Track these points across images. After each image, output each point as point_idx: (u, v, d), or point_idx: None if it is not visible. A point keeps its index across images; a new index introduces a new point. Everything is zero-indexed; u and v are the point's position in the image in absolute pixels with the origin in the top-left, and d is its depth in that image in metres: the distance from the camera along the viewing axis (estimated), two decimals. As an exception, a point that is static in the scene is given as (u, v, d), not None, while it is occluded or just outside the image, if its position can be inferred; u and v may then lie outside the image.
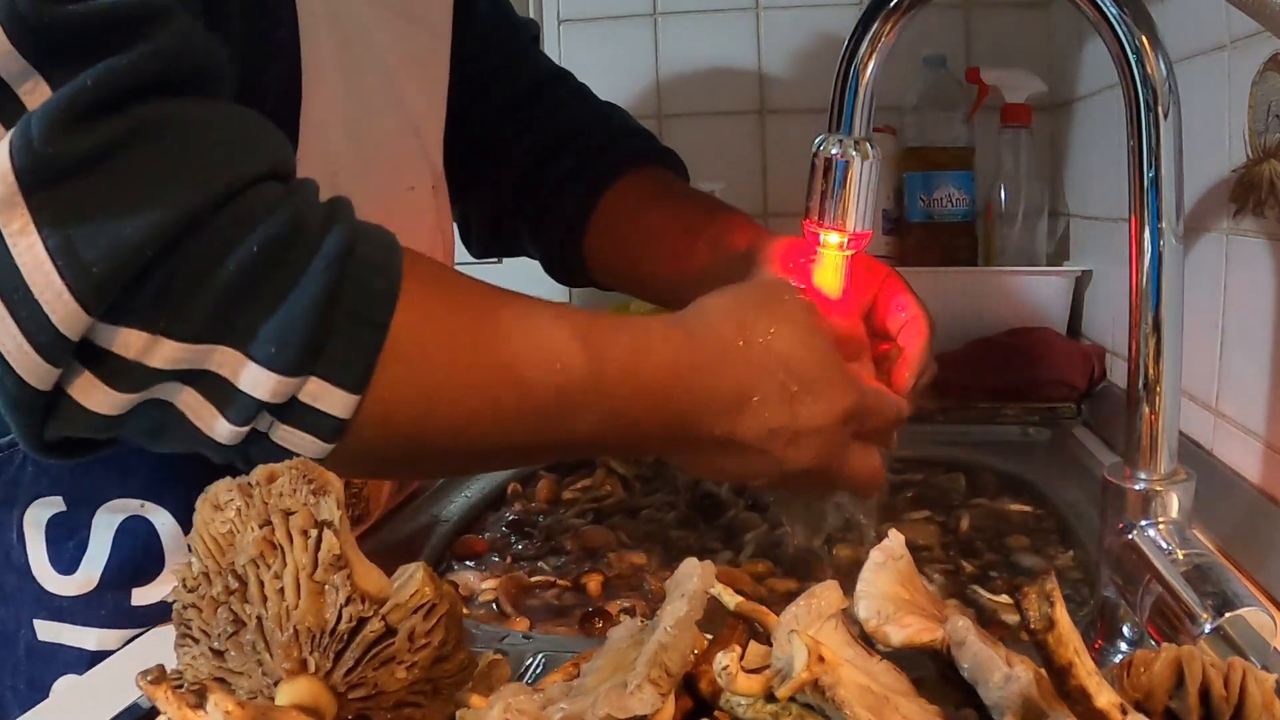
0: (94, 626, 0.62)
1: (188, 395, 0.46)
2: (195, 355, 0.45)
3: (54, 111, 0.42)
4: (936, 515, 0.77)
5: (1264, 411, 0.65)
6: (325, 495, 0.39)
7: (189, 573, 0.40)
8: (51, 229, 0.42)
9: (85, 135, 0.42)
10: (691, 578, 0.41)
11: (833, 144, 0.60)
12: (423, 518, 0.79)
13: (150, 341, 0.44)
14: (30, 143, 0.41)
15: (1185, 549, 0.47)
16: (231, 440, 0.47)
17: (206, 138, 0.46)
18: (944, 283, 1.15)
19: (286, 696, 0.38)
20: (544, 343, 0.53)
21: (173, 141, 0.44)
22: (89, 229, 0.42)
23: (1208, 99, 0.70)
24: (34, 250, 0.42)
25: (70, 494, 0.61)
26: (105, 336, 0.44)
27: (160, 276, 0.44)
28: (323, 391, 0.47)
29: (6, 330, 0.43)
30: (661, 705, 0.36)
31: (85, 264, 0.42)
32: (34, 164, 0.41)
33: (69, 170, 0.42)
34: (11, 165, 0.41)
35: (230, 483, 0.41)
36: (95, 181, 0.43)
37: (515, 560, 0.72)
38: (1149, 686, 0.35)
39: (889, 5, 0.57)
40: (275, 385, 0.46)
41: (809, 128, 0.68)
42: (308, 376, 0.46)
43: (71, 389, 0.45)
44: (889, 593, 0.41)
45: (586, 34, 1.37)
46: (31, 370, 0.43)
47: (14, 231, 0.42)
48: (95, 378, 0.45)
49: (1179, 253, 0.49)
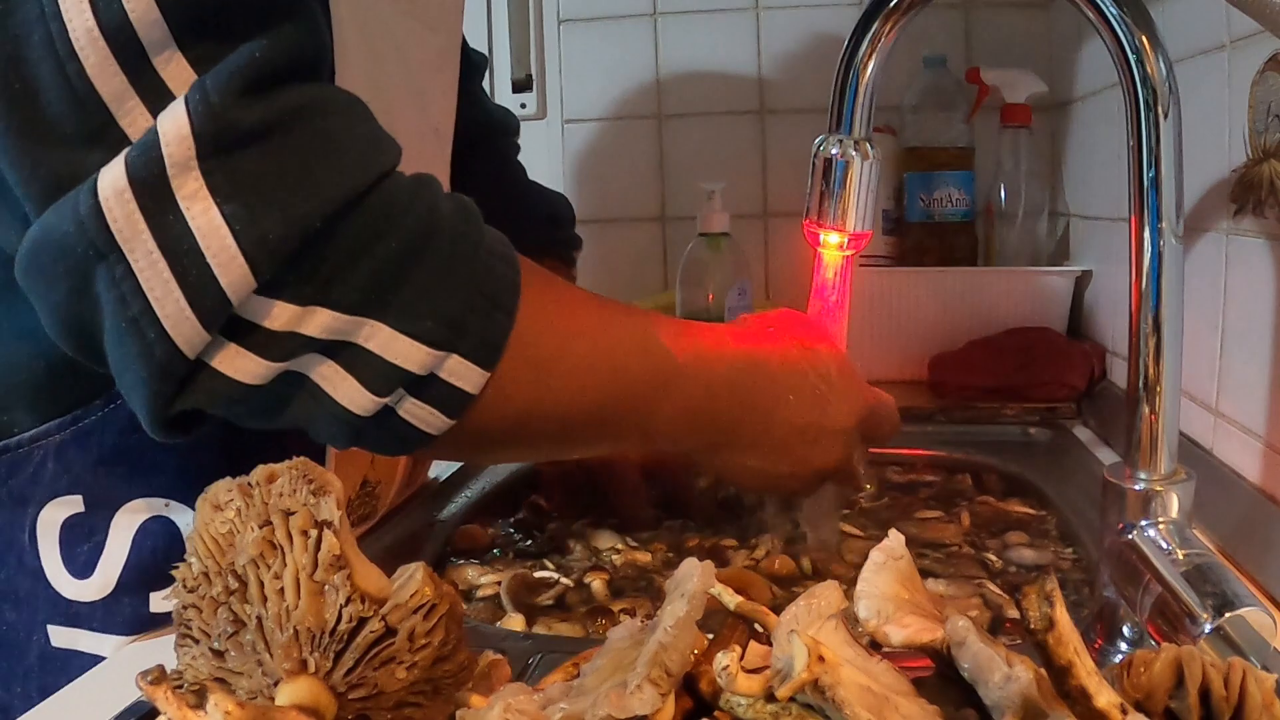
0: (111, 633, 0.61)
1: (327, 368, 0.48)
2: (346, 325, 0.47)
3: (229, 79, 0.43)
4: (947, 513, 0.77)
5: (1264, 411, 0.65)
6: (325, 495, 0.39)
7: (189, 573, 0.40)
8: (227, 194, 0.43)
9: (258, 106, 0.44)
10: (691, 578, 0.41)
11: (833, 144, 0.60)
12: (423, 517, 0.79)
13: (303, 312, 0.46)
14: (211, 108, 0.42)
15: (1185, 549, 0.47)
16: (366, 411, 0.49)
17: (355, 124, 0.48)
18: (944, 283, 1.15)
19: (286, 697, 0.38)
20: (638, 334, 0.59)
21: (330, 122, 0.46)
22: (263, 197, 0.44)
23: (1208, 99, 0.70)
24: (209, 214, 0.43)
25: (91, 493, 0.60)
26: (256, 309, 0.45)
27: (320, 250, 0.45)
28: (461, 368, 0.50)
29: (169, 295, 0.43)
30: (661, 705, 0.36)
31: (262, 231, 0.43)
32: (215, 128, 0.43)
33: (245, 138, 0.43)
34: (191, 128, 0.42)
35: (230, 483, 0.41)
36: (269, 152, 0.44)
37: (518, 557, 0.72)
38: (1149, 686, 0.35)
39: (889, 5, 0.58)
40: (425, 358, 0.48)
41: (809, 128, 0.68)
42: (451, 353, 0.49)
43: (215, 360, 0.46)
44: (889, 593, 0.41)
45: (586, 34, 1.37)
46: (187, 336, 0.44)
47: (188, 195, 0.43)
48: (242, 348, 0.46)
49: (1179, 253, 0.49)
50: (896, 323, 1.15)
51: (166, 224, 0.43)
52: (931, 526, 0.75)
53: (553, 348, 0.54)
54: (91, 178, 0.43)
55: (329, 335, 0.47)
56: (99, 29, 0.42)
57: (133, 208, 0.42)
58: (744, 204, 1.33)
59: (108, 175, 0.42)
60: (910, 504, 0.80)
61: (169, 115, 0.42)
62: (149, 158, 0.42)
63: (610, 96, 1.37)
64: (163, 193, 0.43)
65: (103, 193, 0.42)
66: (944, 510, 0.78)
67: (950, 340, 1.12)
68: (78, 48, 0.42)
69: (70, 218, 0.43)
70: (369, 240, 0.47)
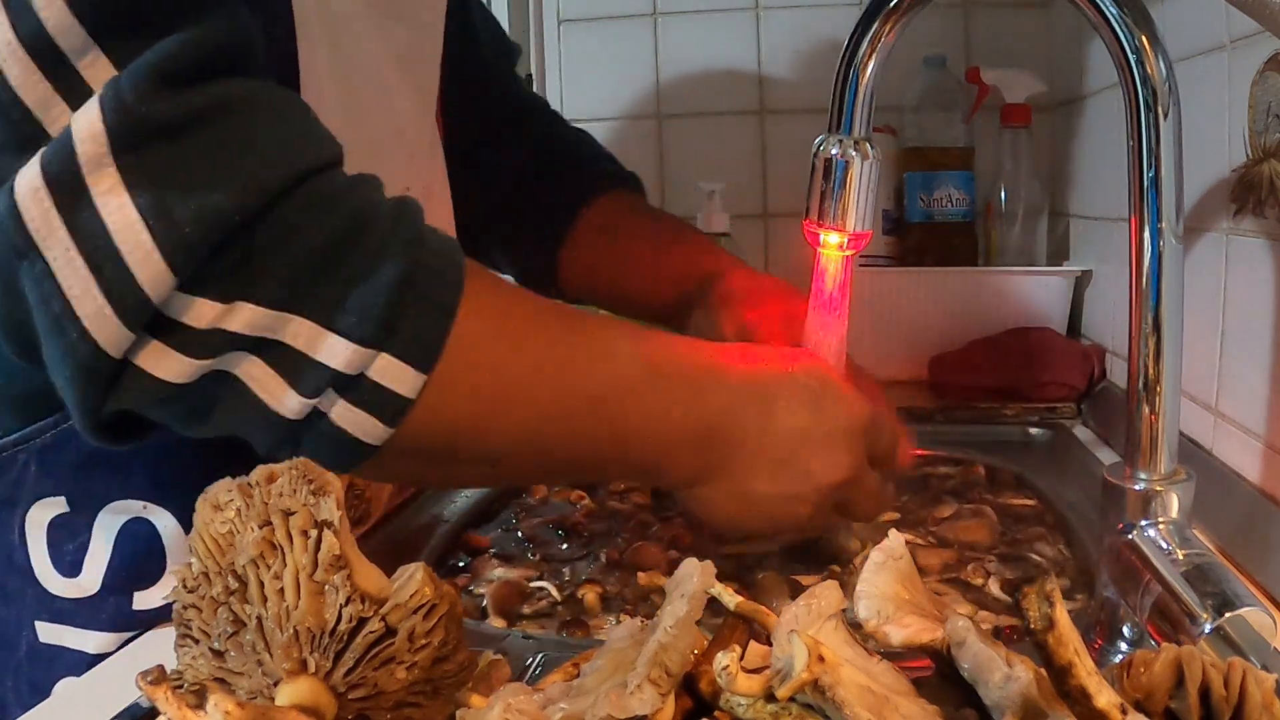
0: (94, 630, 0.62)
1: (254, 366, 0.46)
2: (272, 322, 0.46)
3: (144, 74, 0.42)
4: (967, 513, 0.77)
5: (1264, 411, 0.65)
6: (325, 495, 0.39)
7: (189, 573, 0.40)
8: (142, 189, 0.42)
9: (175, 99, 0.43)
10: (691, 578, 0.41)
11: (833, 144, 0.60)
12: (423, 517, 0.79)
13: (226, 310, 0.45)
14: (123, 103, 0.42)
15: (1185, 549, 0.47)
16: (295, 414, 0.47)
17: (283, 118, 0.47)
18: (944, 283, 1.16)
19: (286, 697, 0.38)
20: (598, 335, 0.56)
21: (256, 116, 0.45)
22: (180, 192, 0.43)
23: (1208, 99, 0.70)
24: (124, 210, 0.42)
25: (73, 495, 0.61)
26: (179, 307, 0.44)
27: (242, 246, 0.44)
28: (392, 368, 0.47)
29: (88, 293, 0.43)
30: (661, 705, 0.36)
31: (177, 224, 0.42)
32: (127, 123, 0.42)
33: (160, 132, 0.43)
34: (104, 123, 0.41)
35: (230, 483, 0.41)
36: (186, 146, 0.43)
37: (511, 563, 0.72)
38: (1149, 686, 0.35)
39: (889, 5, 0.57)
40: (351, 355, 0.46)
41: (809, 128, 0.68)
42: (380, 351, 0.47)
43: (139, 358, 0.45)
44: (889, 593, 0.41)
45: (586, 34, 1.37)
46: (108, 335, 0.43)
47: (103, 190, 0.42)
48: (166, 346, 0.45)
49: (1179, 253, 0.49)
50: (896, 323, 1.15)
51: (81, 221, 0.42)
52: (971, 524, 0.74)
53: (502, 352, 0.52)
54: (9, 179, 0.42)
55: (253, 331, 0.45)
56: (17, 40, 0.42)
57: (48, 205, 0.42)
58: (744, 204, 1.33)
59: (25, 175, 0.42)
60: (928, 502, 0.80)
61: (82, 113, 0.42)
62: (63, 155, 0.42)
63: (610, 96, 1.37)
64: (77, 189, 0.42)
65: (19, 192, 0.42)
66: (960, 510, 0.78)
67: (950, 340, 1.12)
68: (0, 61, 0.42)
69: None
70: (291, 234, 0.45)
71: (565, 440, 0.55)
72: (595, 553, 0.72)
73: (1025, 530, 0.73)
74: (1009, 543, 0.71)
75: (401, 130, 0.70)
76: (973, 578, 0.66)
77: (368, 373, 0.47)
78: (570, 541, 0.75)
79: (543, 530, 0.77)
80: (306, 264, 0.46)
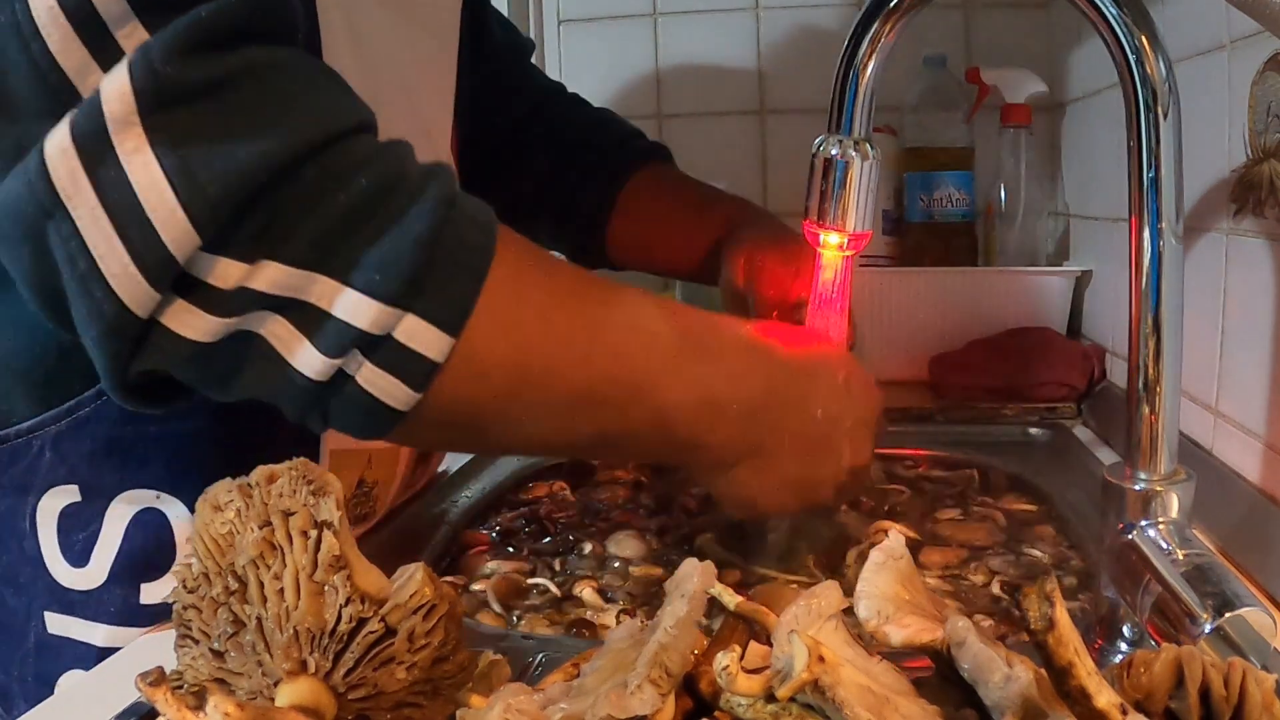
0: (102, 622, 0.62)
1: (277, 325, 0.46)
2: (296, 280, 0.45)
3: (174, 39, 0.43)
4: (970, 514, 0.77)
5: (1264, 411, 0.65)
6: (325, 496, 0.39)
7: (189, 573, 0.41)
8: (167, 149, 0.42)
9: (204, 63, 0.43)
10: (691, 578, 0.41)
11: (833, 144, 0.60)
12: (424, 517, 0.79)
13: (251, 269, 0.45)
14: (151, 65, 0.42)
15: (1185, 549, 0.47)
16: (319, 374, 0.47)
17: (313, 83, 0.47)
18: (944, 283, 1.15)
19: (286, 697, 0.38)
20: (633, 309, 0.56)
21: (284, 82, 0.46)
22: (205, 152, 0.43)
23: (1208, 99, 0.70)
24: (149, 169, 0.42)
25: (86, 483, 0.61)
26: (205, 266, 0.44)
27: (268, 205, 0.44)
28: (419, 329, 0.47)
29: (113, 252, 0.43)
30: (661, 705, 0.36)
31: (201, 184, 0.43)
32: (155, 85, 0.42)
33: (188, 94, 0.43)
34: (132, 85, 0.42)
35: (230, 484, 0.41)
36: (212, 108, 0.43)
37: (512, 557, 0.72)
38: (1149, 686, 0.35)
39: (889, 5, 0.57)
40: (375, 313, 0.46)
41: (809, 128, 0.68)
42: (406, 312, 0.46)
43: (165, 317, 0.45)
44: (889, 593, 0.41)
45: (586, 34, 1.37)
46: (134, 294, 0.44)
47: (128, 150, 0.42)
48: (190, 304, 0.45)
49: (1179, 253, 0.49)
50: (896, 323, 1.15)
51: (108, 179, 0.42)
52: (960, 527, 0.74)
53: (532, 319, 0.51)
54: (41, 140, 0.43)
55: (279, 291, 0.45)
56: (59, 7, 0.42)
57: (75, 164, 0.42)
58: (744, 204, 1.33)
59: (54, 135, 0.43)
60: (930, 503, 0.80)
61: (113, 75, 0.42)
62: (91, 115, 0.42)
63: (610, 96, 1.37)
64: (104, 148, 0.42)
65: (48, 151, 0.42)
66: (961, 510, 0.78)
67: (950, 340, 1.12)
68: (40, 27, 0.42)
69: (22, 179, 0.43)
70: (319, 194, 0.45)
71: (591, 413, 0.54)
72: (578, 546, 0.73)
73: (1025, 530, 0.73)
74: (1008, 543, 0.71)
75: (427, 132, 0.71)
76: (976, 575, 0.66)
77: (394, 334, 0.47)
78: (550, 536, 0.75)
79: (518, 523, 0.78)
80: (333, 224, 0.46)
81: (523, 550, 0.73)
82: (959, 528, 0.73)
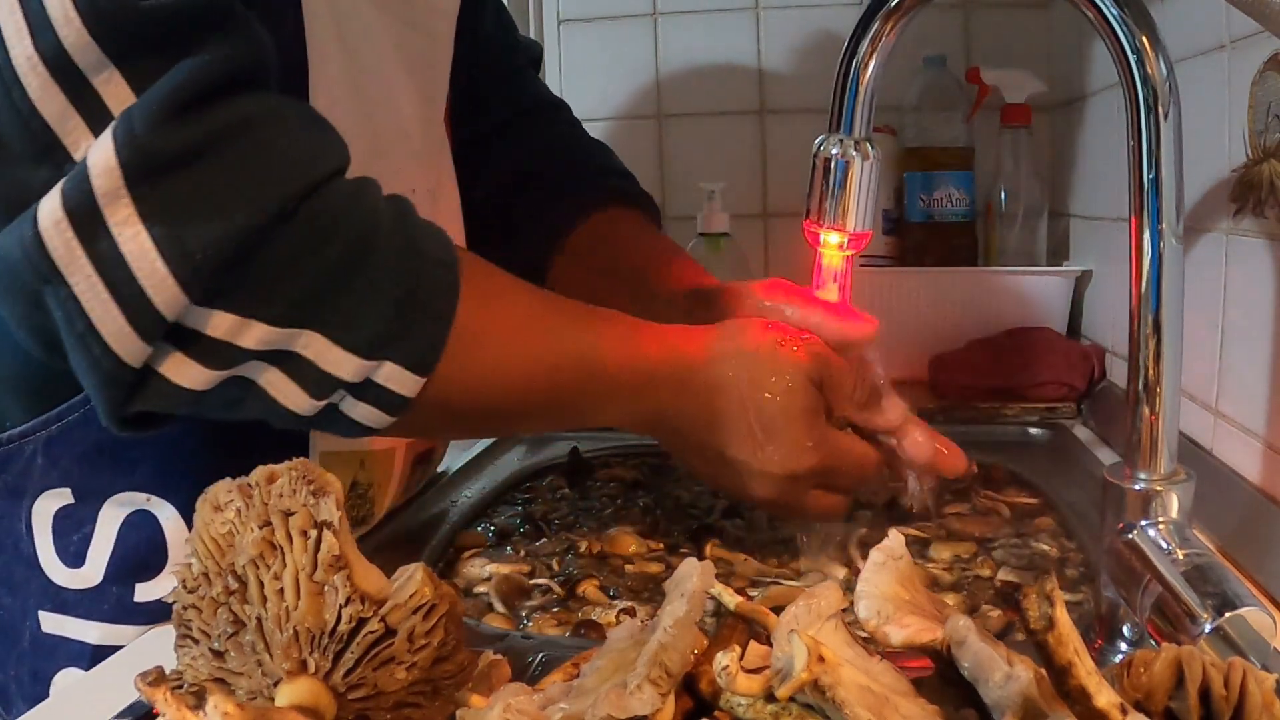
0: (96, 620, 0.62)
1: (272, 374, 0.50)
2: (283, 337, 0.49)
3: (155, 105, 0.44)
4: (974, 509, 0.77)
5: (1264, 411, 0.65)
6: (325, 496, 0.39)
7: (189, 573, 0.41)
8: (155, 220, 0.45)
9: (185, 128, 0.45)
10: (691, 578, 0.41)
11: (833, 144, 0.60)
12: (424, 516, 0.79)
13: (240, 324, 0.48)
14: (134, 135, 0.44)
15: (1185, 549, 0.47)
16: (309, 412, 0.52)
17: (288, 133, 0.49)
18: (944, 283, 1.16)
19: (286, 697, 0.38)
20: (576, 345, 0.60)
21: (262, 137, 0.48)
22: (192, 219, 0.45)
23: (1208, 99, 0.70)
24: (139, 239, 0.45)
25: (78, 486, 0.62)
26: (197, 319, 0.47)
27: (254, 264, 0.47)
28: (395, 373, 0.52)
29: (109, 314, 0.46)
30: (661, 705, 0.36)
31: (189, 252, 0.45)
32: (139, 158, 0.44)
33: (171, 163, 0.45)
34: (118, 159, 0.44)
35: (230, 484, 0.41)
36: (195, 175, 0.46)
37: (512, 556, 0.72)
38: (1149, 686, 0.35)
39: (889, 5, 0.57)
40: (358, 367, 0.51)
41: (809, 128, 0.68)
42: (383, 361, 0.52)
43: (162, 367, 0.48)
44: (889, 593, 0.41)
45: (586, 34, 1.37)
46: (128, 348, 0.46)
47: (119, 221, 0.45)
48: (186, 356, 0.48)
49: (1179, 253, 0.49)
50: (896, 323, 1.15)
51: (101, 251, 0.45)
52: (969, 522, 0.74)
53: (491, 351, 0.57)
54: (33, 207, 0.45)
55: (267, 347, 0.49)
56: (38, 55, 0.44)
57: (70, 236, 0.44)
58: (744, 204, 1.33)
59: (46, 205, 0.45)
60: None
61: (97, 147, 0.44)
62: (80, 189, 0.44)
63: (610, 96, 1.37)
64: (95, 221, 0.44)
65: (42, 223, 0.44)
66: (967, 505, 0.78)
67: (950, 340, 1.12)
68: (20, 75, 0.44)
69: (17, 244, 0.45)
70: (302, 252, 0.48)
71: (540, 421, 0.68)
72: (573, 544, 0.73)
73: (1025, 530, 0.73)
74: (1008, 543, 0.71)
75: (407, 133, 0.71)
76: (983, 569, 0.66)
77: (375, 378, 0.52)
78: (545, 535, 0.75)
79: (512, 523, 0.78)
80: (313, 285, 0.49)
81: (519, 551, 0.73)
82: (958, 527, 0.73)
